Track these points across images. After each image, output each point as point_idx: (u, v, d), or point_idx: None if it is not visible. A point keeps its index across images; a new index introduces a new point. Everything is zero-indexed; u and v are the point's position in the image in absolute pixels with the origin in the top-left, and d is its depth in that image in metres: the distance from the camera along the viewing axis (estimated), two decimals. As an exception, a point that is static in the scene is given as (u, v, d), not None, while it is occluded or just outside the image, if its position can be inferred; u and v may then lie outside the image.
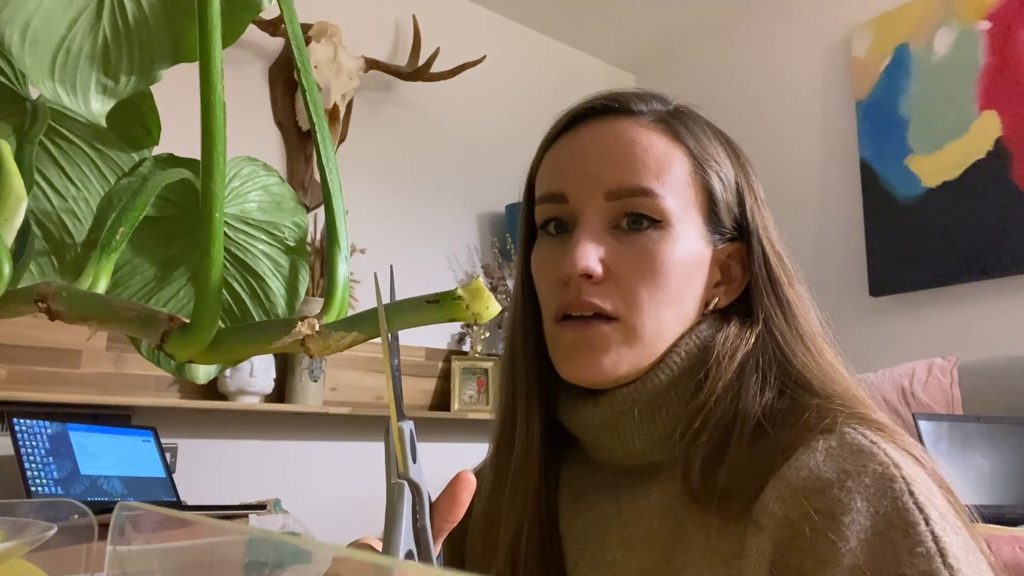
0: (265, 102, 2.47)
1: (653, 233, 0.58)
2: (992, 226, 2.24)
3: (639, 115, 0.61)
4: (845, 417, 0.52)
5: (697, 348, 0.58)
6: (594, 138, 0.61)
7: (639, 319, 0.57)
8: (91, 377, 2.02)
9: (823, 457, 0.50)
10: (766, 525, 0.49)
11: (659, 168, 0.59)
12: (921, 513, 0.45)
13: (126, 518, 0.31)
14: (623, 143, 0.60)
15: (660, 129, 0.61)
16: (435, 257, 2.76)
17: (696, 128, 0.63)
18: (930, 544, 0.44)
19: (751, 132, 2.79)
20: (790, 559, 0.48)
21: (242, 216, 0.47)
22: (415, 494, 0.37)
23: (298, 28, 0.37)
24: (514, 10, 3.08)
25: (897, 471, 0.47)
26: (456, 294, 0.32)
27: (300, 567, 0.26)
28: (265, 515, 1.89)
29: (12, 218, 0.36)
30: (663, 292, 0.57)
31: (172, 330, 0.33)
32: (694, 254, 0.59)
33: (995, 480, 1.57)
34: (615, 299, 0.57)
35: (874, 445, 0.50)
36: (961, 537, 0.46)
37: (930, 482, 0.49)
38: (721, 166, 0.62)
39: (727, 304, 0.62)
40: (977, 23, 2.34)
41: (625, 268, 0.57)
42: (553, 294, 0.60)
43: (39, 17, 0.36)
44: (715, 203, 0.61)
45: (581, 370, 0.58)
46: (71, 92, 0.36)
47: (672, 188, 0.59)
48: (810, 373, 0.56)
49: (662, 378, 0.58)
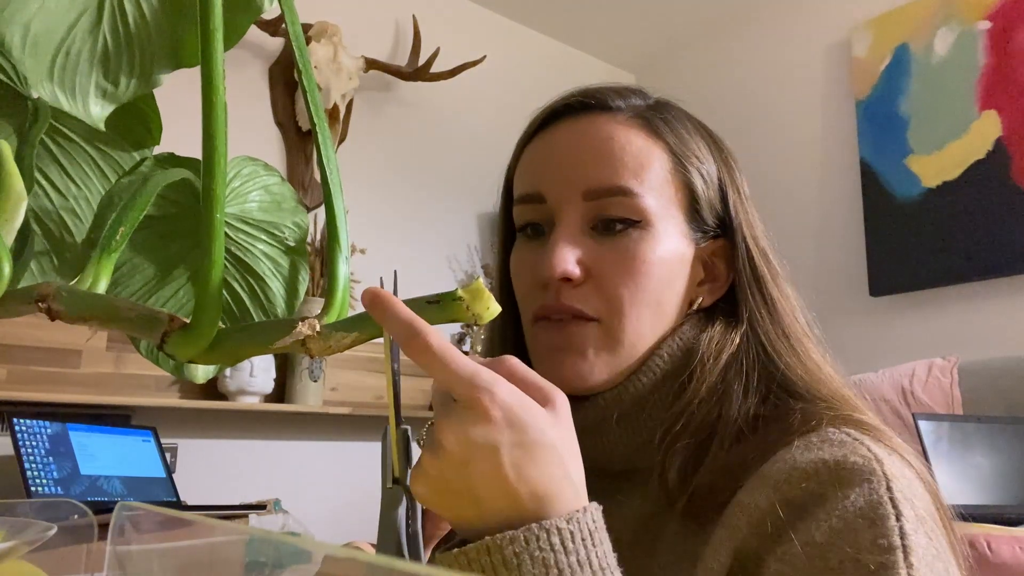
0: (265, 102, 2.47)
1: (633, 233, 0.56)
2: (992, 226, 2.24)
3: (616, 111, 0.60)
4: (830, 419, 0.51)
5: (680, 351, 0.57)
6: (570, 137, 0.60)
7: (619, 322, 0.56)
8: (91, 377, 2.02)
9: (801, 452, 0.48)
10: (735, 516, 0.48)
11: (637, 166, 0.57)
12: (895, 509, 0.44)
13: (126, 518, 0.31)
14: (600, 141, 0.58)
15: (638, 125, 0.59)
16: (435, 257, 2.76)
17: (676, 123, 0.61)
18: (895, 539, 0.42)
19: (751, 132, 2.80)
20: (753, 544, 0.46)
21: (242, 216, 0.47)
22: (409, 501, 0.37)
23: (299, 28, 0.37)
24: (514, 10, 3.07)
25: (878, 465, 0.46)
26: (456, 295, 0.32)
27: (300, 567, 0.26)
28: (265, 515, 1.89)
29: (12, 218, 0.36)
30: (644, 293, 0.56)
31: (172, 330, 0.33)
32: (676, 253, 0.58)
33: (995, 480, 1.57)
34: (595, 301, 0.56)
35: (856, 441, 0.48)
36: (934, 543, 0.44)
37: (916, 483, 0.48)
38: (702, 162, 0.61)
39: (711, 303, 0.61)
40: (977, 23, 2.34)
41: (605, 269, 0.56)
42: (531, 297, 0.59)
43: (40, 19, 0.36)
44: (696, 200, 0.60)
45: (556, 374, 0.56)
46: (70, 95, 0.36)
47: (651, 186, 0.57)
48: (795, 375, 0.55)
49: (644, 382, 0.56)
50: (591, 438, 0.58)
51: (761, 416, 0.54)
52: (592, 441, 0.58)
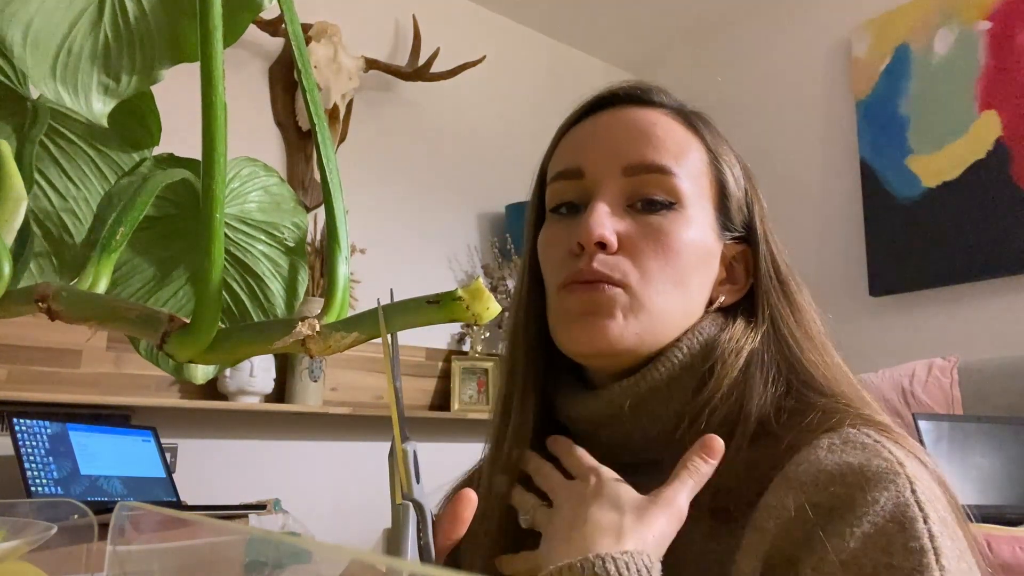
0: (265, 102, 2.47)
1: (668, 213, 0.58)
2: (992, 226, 2.24)
3: (659, 105, 0.63)
4: (852, 418, 0.51)
5: (700, 345, 0.58)
6: (613, 121, 0.62)
7: (648, 290, 0.56)
8: (91, 377, 2.02)
9: (825, 453, 0.49)
10: (763, 519, 0.49)
11: (678, 151, 0.59)
12: (921, 512, 0.45)
13: (126, 518, 0.31)
14: (644, 124, 0.60)
15: (679, 119, 0.62)
16: (435, 257, 2.76)
17: (712, 128, 0.64)
18: (926, 542, 0.44)
19: (751, 132, 2.80)
20: (784, 548, 0.47)
21: (242, 216, 0.47)
22: (419, 515, 0.38)
23: (298, 28, 0.37)
24: (514, 10, 3.07)
25: (901, 468, 0.47)
26: (456, 295, 0.32)
27: (300, 567, 0.26)
28: (265, 515, 1.89)
29: (12, 218, 0.36)
30: (673, 270, 0.57)
31: (172, 330, 0.33)
32: (705, 242, 0.59)
33: (995, 480, 1.57)
34: (625, 269, 0.57)
35: (878, 444, 0.49)
36: (956, 545, 0.46)
37: (933, 485, 0.49)
38: (733, 166, 0.63)
39: (730, 304, 0.62)
40: (977, 23, 2.34)
41: (638, 243, 0.57)
42: (562, 266, 0.59)
43: (40, 17, 0.36)
44: (727, 197, 0.62)
45: (585, 335, 0.57)
46: (72, 92, 0.36)
47: (689, 172, 0.59)
48: (818, 372, 0.56)
49: (662, 371, 0.57)
50: (608, 427, 0.59)
51: (784, 408, 0.55)
52: (609, 430, 0.59)
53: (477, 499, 0.42)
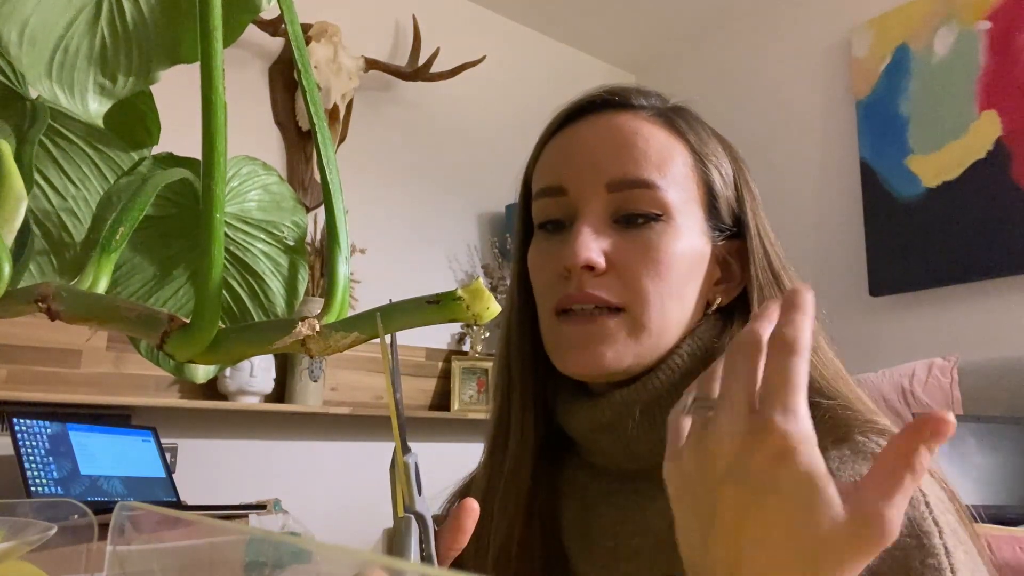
0: (265, 102, 2.47)
1: (656, 226, 0.57)
2: (992, 226, 2.24)
3: (639, 109, 0.61)
4: (859, 424, 0.51)
5: (700, 350, 0.58)
6: (594, 131, 0.60)
7: (645, 310, 0.56)
8: (91, 377, 2.02)
9: (836, 464, 0.49)
10: None
11: (660, 160, 0.58)
12: (936, 526, 0.45)
13: (126, 518, 0.31)
14: (624, 134, 0.59)
15: (660, 123, 0.60)
16: (435, 257, 2.76)
17: (696, 124, 0.62)
18: (942, 558, 0.44)
19: (751, 132, 2.80)
20: None
21: (241, 215, 0.47)
22: (421, 526, 0.38)
23: (298, 28, 0.37)
24: (514, 10, 3.07)
25: None
26: (456, 295, 0.32)
27: (300, 567, 0.26)
28: (265, 515, 1.89)
29: (12, 218, 0.36)
30: (667, 284, 0.56)
31: (172, 330, 0.33)
32: (695, 249, 0.59)
33: (995, 480, 1.57)
34: (619, 290, 0.56)
35: None
36: (969, 557, 0.46)
37: (943, 495, 0.49)
38: (720, 162, 0.62)
39: (728, 303, 0.61)
40: (977, 23, 2.34)
41: (628, 260, 0.56)
42: (552, 288, 0.59)
43: (37, 16, 0.36)
44: (715, 198, 0.61)
45: (583, 363, 0.56)
46: (68, 92, 0.36)
47: (673, 181, 0.58)
48: (816, 372, 0.56)
49: (663, 378, 0.57)
50: (609, 435, 0.58)
51: None
52: (610, 438, 0.58)
53: (479, 508, 0.42)
